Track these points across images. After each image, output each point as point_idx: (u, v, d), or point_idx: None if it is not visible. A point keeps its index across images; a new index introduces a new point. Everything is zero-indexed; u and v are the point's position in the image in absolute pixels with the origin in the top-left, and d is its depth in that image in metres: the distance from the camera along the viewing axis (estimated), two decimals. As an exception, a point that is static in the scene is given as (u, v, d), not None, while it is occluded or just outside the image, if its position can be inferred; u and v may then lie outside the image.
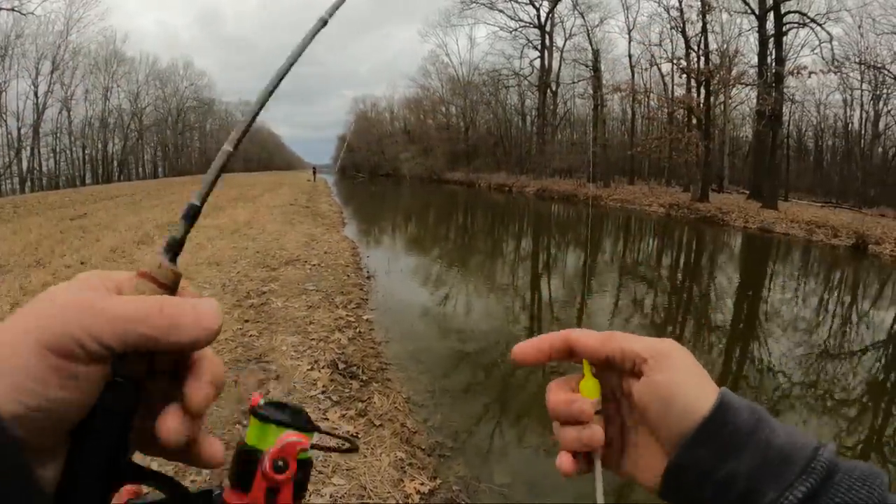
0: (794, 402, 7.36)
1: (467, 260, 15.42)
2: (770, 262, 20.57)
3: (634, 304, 11.47)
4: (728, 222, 28.95)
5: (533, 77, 52.56)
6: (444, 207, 33.83)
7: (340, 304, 8.15)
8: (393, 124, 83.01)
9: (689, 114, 35.46)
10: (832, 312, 13.42)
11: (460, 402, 5.76)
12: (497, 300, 10.83)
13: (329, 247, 12.80)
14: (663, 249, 21.70)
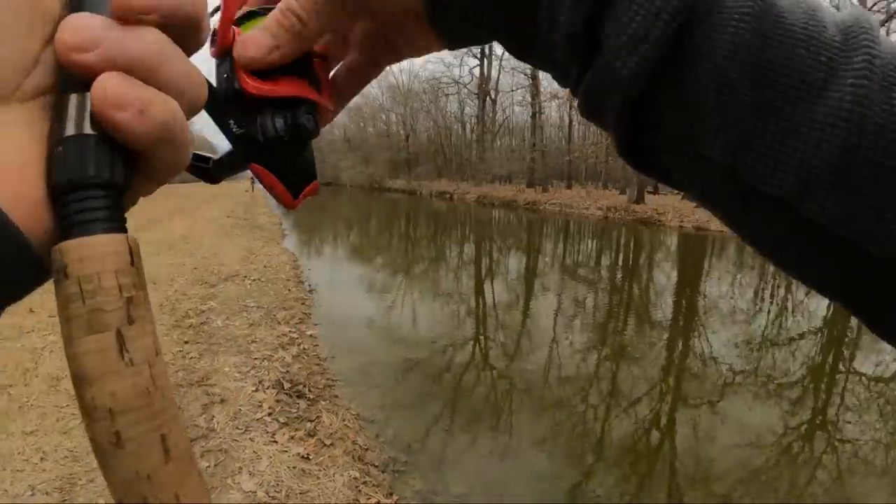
0: (737, 388, 7.62)
1: (411, 268, 15.32)
2: (706, 259, 21.26)
3: (577, 305, 11.66)
4: (664, 222, 29.80)
5: (472, 85, 53.04)
6: (385, 216, 33.62)
7: (283, 320, 7.94)
8: (332, 131, 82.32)
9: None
10: (769, 302, 14.06)
11: (411, 414, 5.68)
12: (442, 307, 10.77)
13: (269, 260, 12.49)
14: (602, 251, 22.14)
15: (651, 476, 5.06)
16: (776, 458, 5.77)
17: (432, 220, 32.51)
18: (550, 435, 5.52)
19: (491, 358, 7.87)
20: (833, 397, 7.90)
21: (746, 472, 5.31)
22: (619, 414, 6.34)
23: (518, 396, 6.48)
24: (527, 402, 6.36)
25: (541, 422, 5.80)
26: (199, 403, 4.92)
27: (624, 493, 4.66)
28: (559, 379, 7.16)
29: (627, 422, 6.11)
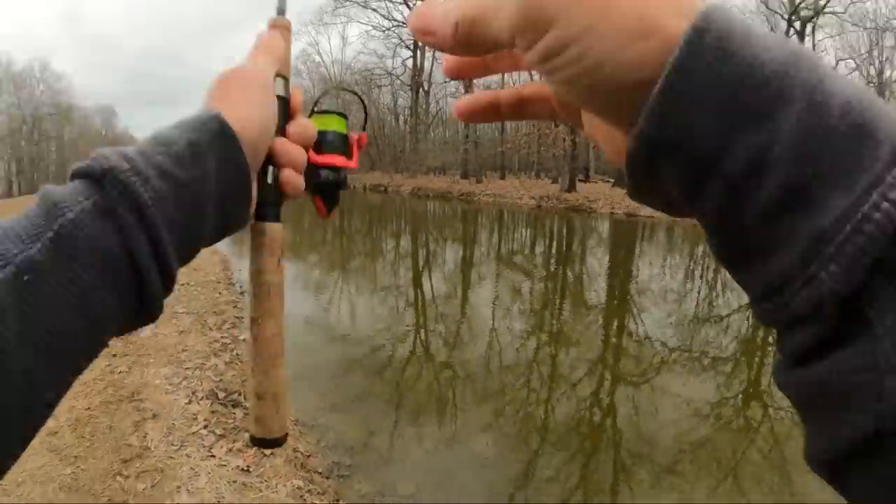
0: (673, 364, 7.86)
1: (346, 263, 15.11)
2: (638, 243, 21.88)
3: (514, 292, 11.76)
4: (596, 210, 30.47)
5: (406, 76, 52.66)
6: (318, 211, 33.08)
7: (214, 325, 7.61)
8: None
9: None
10: (699, 281, 14.70)
11: (353, 414, 5.55)
12: (381, 301, 10.63)
13: (197, 262, 11.85)
14: (536, 239, 22.47)
15: (596, 454, 5.14)
16: (715, 428, 5.96)
17: (367, 213, 32.23)
18: (495, 421, 5.52)
19: (432, 350, 7.83)
20: (765, 368, 8.20)
21: (688, 444, 5.46)
22: (561, 396, 6.40)
23: (461, 386, 6.46)
24: (470, 390, 6.33)
25: (485, 409, 5.79)
26: (130, 420, 4.63)
27: (571, 473, 4.71)
28: (501, 366, 7.20)
29: (570, 403, 6.18)
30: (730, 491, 4.72)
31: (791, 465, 5.26)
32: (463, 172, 47.11)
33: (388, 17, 50.72)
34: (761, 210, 0.26)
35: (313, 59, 63.68)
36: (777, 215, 0.26)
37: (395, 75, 53.84)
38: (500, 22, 0.32)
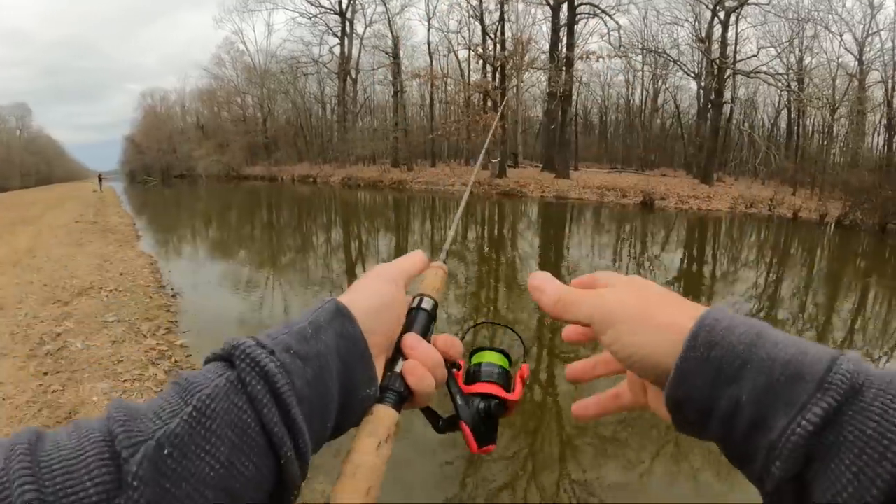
0: None
1: (278, 259, 14.80)
2: (567, 224, 22.38)
3: (450, 277, 11.74)
4: (527, 194, 31.08)
5: (333, 64, 51.67)
6: (246, 206, 32.23)
7: (148, 332, 7.28)
8: (185, 119, 76.44)
9: (486, 97, 37.21)
10: (627, 258, 15.27)
11: None
12: (314, 296, 10.42)
13: (125, 266, 11.47)
14: (469, 224, 22.61)
15: (541, 429, 5.28)
16: None
17: (296, 206, 31.73)
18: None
19: None
20: None
21: (627, 414, 5.50)
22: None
23: None
24: None
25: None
26: None
27: (519, 450, 4.81)
28: None
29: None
30: (672, 454, 4.93)
31: None
32: (393, 161, 46.91)
33: (315, 4, 49.54)
34: (741, 435, 0.44)
35: (237, 48, 61.85)
36: (749, 435, 0.43)
37: (321, 63, 52.77)
38: (582, 312, 0.55)
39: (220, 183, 54.93)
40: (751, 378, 0.43)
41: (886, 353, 8.41)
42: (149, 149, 72.76)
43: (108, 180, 59.11)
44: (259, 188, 45.72)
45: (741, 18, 36.26)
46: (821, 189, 31.59)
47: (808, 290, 12.76)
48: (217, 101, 67.38)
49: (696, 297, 11.36)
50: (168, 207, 31.82)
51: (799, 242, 21.89)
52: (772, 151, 34.69)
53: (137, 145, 74.10)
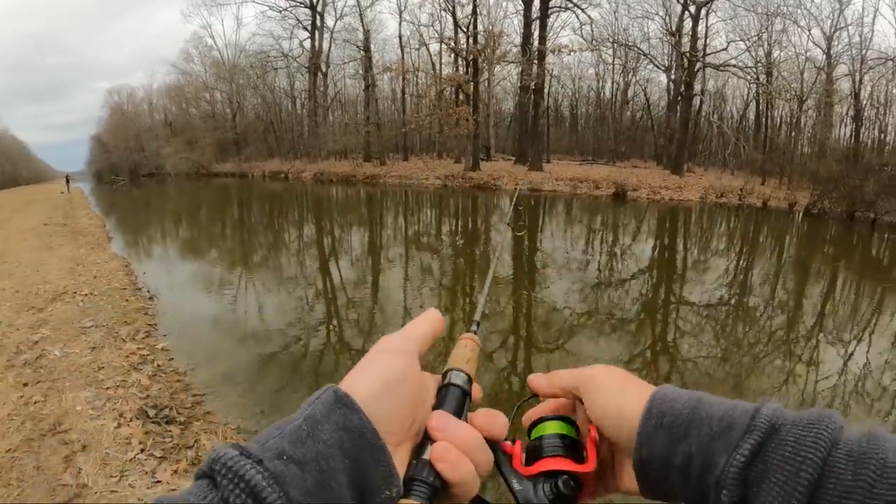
0: (583, 328, 8.21)
1: (252, 257, 14.66)
2: (541, 216, 22.49)
3: (423, 273, 11.83)
4: (500, 186, 31.18)
5: (303, 58, 51.09)
6: (217, 204, 31.81)
7: (127, 336, 7.04)
8: (152, 116, 74.71)
9: (458, 90, 37.18)
10: (600, 249, 15.44)
11: (278, 414, 5.26)
12: (289, 293, 10.33)
13: (98, 269, 11.15)
14: (442, 218, 22.62)
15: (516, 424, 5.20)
16: None
17: (268, 203, 31.36)
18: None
19: (347, 338, 7.72)
20: (669, 325, 8.83)
21: None
22: (479, 369, 6.45)
23: None
24: None
25: None
26: (58, 457, 4.06)
27: None
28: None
29: (488, 375, 6.28)
30: None
31: None
32: (365, 155, 46.65)
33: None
34: (695, 479, 0.52)
35: (205, 43, 60.80)
36: (701, 477, 0.51)
37: (291, 57, 52.15)
38: (563, 384, 0.65)
39: (189, 181, 54.07)
40: (696, 434, 0.53)
41: (856, 336, 8.55)
42: (116, 148, 71.17)
43: (75, 181, 57.83)
44: (229, 185, 45.15)
45: (711, 12, 36.85)
46: (789, 179, 32.20)
47: (778, 276, 12.98)
48: (185, 97, 66.13)
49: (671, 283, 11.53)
50: (137, 208, 31.27)
51: (769, 231, 22.31)
52: (741, 143, 35.33)
53: (104, 144, 72.62)
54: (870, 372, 6.91)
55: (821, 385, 6.50)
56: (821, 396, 6.12)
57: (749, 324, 9.08)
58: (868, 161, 29.37)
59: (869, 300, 11.13)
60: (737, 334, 8.53)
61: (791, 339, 8.31)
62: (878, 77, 35.89)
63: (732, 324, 9.07)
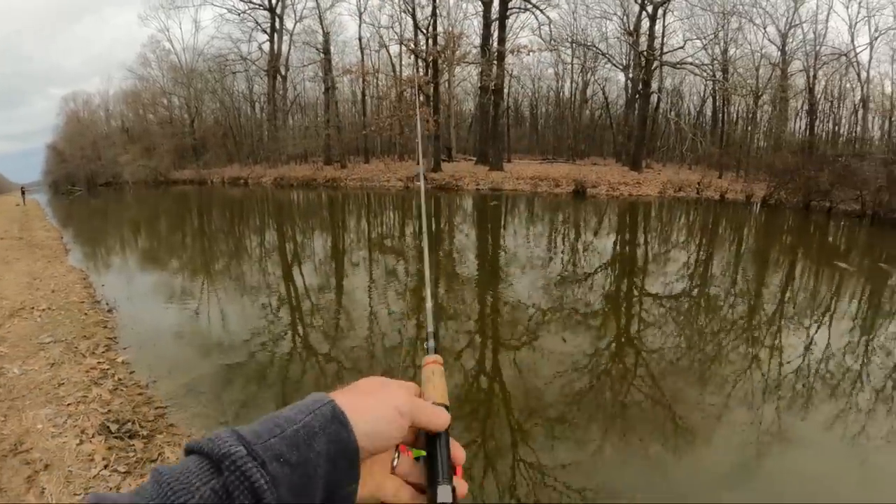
0: (548, 324, 8.30)
1: (213, 265, 14.42)
2: (503, 215, 22.70)
3: (388, 275, 11.87)
4: (462, 187, 31.37)
5: (262, 62, 50.43)
6: (176, 212, 31.17)
7: (87, 350, 6.87)
8: (109, 123, 72.51)
9: (419, 91, 37.24)
10: (562, 246, 15.68)
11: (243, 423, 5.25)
12: (252, 302, 10.13)
13: (56, 283, 10.82)
14: (405, 220, 22.64)
15: (491, 417, 5.31)
16: (595, 376, 6.37)
17: (228, 209, 30.91)
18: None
19: (313, 344, 7.65)
20: (632, 317, 9.01)
21: (573, 394, 5.78)
22: (448, 369, 6.46)
23: (348, 377, 6.29)
24: (357, 378, 6.19)
25: None
26: (21, 477, 3.97)
27: (471, 440, 4.82)
28: (385, 349, 7.22)
29: (457, 375, 6.31)
30: (620, 430, 5.05)
31: (671, 398, 5.74)
32: (326, 158, 46.37)
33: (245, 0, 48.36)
34: None
35: (163, 47, 59.58)
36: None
37: (250, 60, 51.44)
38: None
39: (147, 189, 52.89)
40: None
41: (816, 320, 8.84)
42: (72, 157, 68.88)
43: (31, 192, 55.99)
44: (188, 193, 44.36)
45: (668, 12, 37.44)
46: (746, 172, 33.24)
47: (738, 265, 13.34)
48: (142, 102, 64.59)
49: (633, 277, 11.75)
50: (95, 218, 30.52)
51: (728, 222, 22.89)
52: (698, 138, 36.07)
53: (60, 153, 70.52)
54: (831, 354, 7.15)
55: (785, 368, 6.68)
56: (786, 380, 6.29)
57: (712, 313, 9.30)
58: (822, 152, 30.32)
59: (828, 286, 11.49)
60: (700, 324, 8.74)
61: (753, 325, 8.57)
62: (831, 72, 37.08)
63: (696, 314, 9.27)
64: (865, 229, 20.19)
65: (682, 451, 4.77)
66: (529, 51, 37.75)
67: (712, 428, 5.21)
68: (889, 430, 5.17)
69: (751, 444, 4.89)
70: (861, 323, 8.75)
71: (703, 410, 5.50)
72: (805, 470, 4.56)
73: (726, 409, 5.56)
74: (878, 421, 5.34)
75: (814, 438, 5.06)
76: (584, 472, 4.45)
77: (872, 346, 7.60)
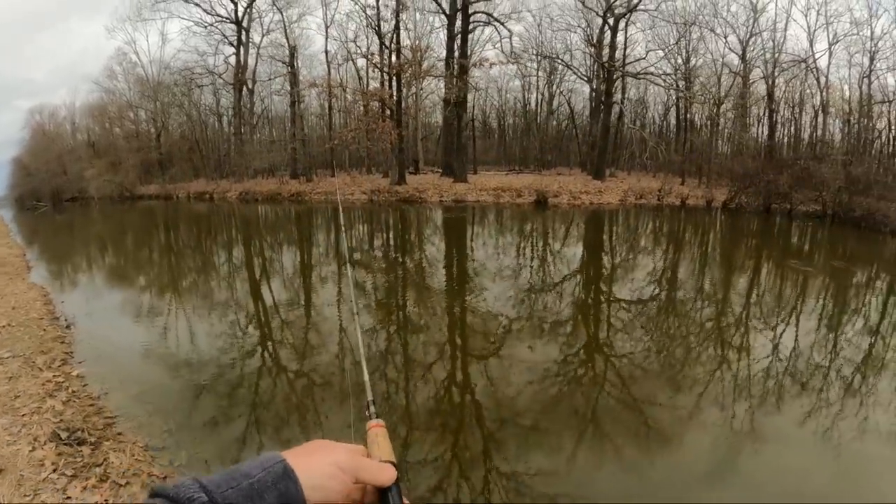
0: (517, 333, 8.46)
1: (179, 282, 14.33)
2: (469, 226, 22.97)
3: (358, 288, 11.82)
4: (426, 199, 31.67)
5: (228, 75, 50.04)
6: (141, 227, 30.57)
7: (44, 365, 7.00)
8: (75, 137, 70.47)
9: (383, 105, 37.48)
10: (530, 255, 15.94)
11: (208, 432, 5.35)
12: (220, 318, 10.10)
13: (16, 300, 10.74)
14: (372, 233, 22.74)
15: (463, 429, 5.37)
16: (566, 383, 6.49)
17: (194, 225, 30.50)
18: (360, 420, 5.28)
19: (283, 360, 7.66)
20: (601, 324, 9.21)
21: (544, 402, 5.89)
22: (418, 381, 6.61)
23: (319, 392, 6.38)
24: (328, 393, 6.29)
25: (347, 408, 5.49)
26: None
27: (443, 452, 4.88)
28: (354, 363, 7.12)
29: (427, 387, 6.39)
30: (593, 435, 5.17)
31: (641, 401, 5.88)
32: (292, 172, 46.15)
33: (211, 13, 47.64)
34: None
35: (130, 59, 58.63)
36: None
37: (216, 74, 50.98)
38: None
39: (113, 204, 51.83)
40: None
41: (783, 319, 9.23)
42: (38, 171, 66.69)
43: (-4, 207, 54.74)
44: (154, 208, 43.63)
45: (630, 24, 38.29)
46: (708, 178, 34.11)
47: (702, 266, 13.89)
48: (109, 116, 63.38)
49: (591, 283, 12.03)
50: (61, 234, 29.94)
51: (689, 226, 23.59)
52: (660, 146, 36.91)
53: (26, 167, 68.34)
54: (800, 352, 7.45)
55: (754, 368, 6.92)
56: (755, 379, 6.52)
57: (679, 316, 9.58)
58: (781, 156, 31.26)
59: (792, 285, 11.96)
60: (668, 327, 9.01)
61: (721, 327, 8.86)
62: (791, 78, 38.07)
63: (663, 318, 9.54)
64: (827, 229, 20.84)
65: (656, 453, 4.89)
66: (492, 64, 38.36)
67: (686, 429, 5.37)
68: (860, 423, 5.40)
69: (725, 442, 5.05)
70: (824, 321, 9.15)
71: (675, 412, 5.66)
72: (781, 465, 4.68)
73: (698, 409, 5.72)
74: (848, 415, 5.57)
75: (788, 434, 5.23)
76: (560, 478, 4.53)
77: (837, 343, 7.97)
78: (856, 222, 21.40)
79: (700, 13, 37.91)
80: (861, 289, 12.05)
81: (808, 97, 38.45)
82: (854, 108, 35.02)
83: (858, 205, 22.27)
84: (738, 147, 38.27)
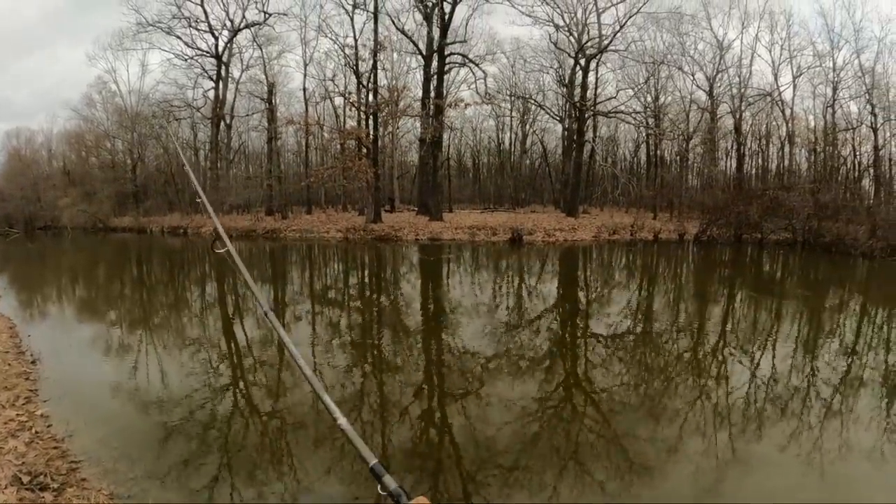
0: (495, 371, 8.43)
1: (150, 318, 14.04)
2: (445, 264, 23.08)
3: (331, 327, 11.83)
4: (401, 238, 31.77)
5: (206, 109, 50.13)
6: (114, 261, 30.11)
7: (7, 402, 6.74)
8: (51, 164, 69.13)
9: (359, 143, 37.80)
10: (507, 292, 16.06)
11: (176, 477, 5.15)
12: (191, 356, 9.83)
13: None
14: (347, 271, 22.72)
15: (442, 470, 5.31)
16: (546, 421, 6.48)
17: (167, 260, 30.06)
18: (336, 459, 5.41)
19: (256, 401, 7.50)
20: (579, 359, 9.26)
21: (525, 440, 5.85)
22: (394, 422, 6.54)
23: (293, 434, 6.22)
24: (303, 436, 6.15)
25: (322, 451, 5.66)
26: None
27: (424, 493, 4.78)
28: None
29: (403, 427, 6.34)
30: (575, 472, 5.13)
31: (623, 436, 5.89)
32: (268, 209, 46.07)
33: (192, 45, 47.82)
34: None
35: (109, 88, 58.27)
36: None
37: (195, 107, 50.98)
38: None
39: (86, 235, 50.96)
40: None
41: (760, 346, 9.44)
42: (12, 196, 65.82)
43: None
44: (127, 240, 43.11)
45: (601, 64, 39.32)
46: (679, 211, 34.87)
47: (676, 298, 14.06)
48: (86, 144, 62.63)
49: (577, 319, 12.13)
50: (30, 264, 29.36)
51: (662, 260, 24.07)
52: (631, 182, 37.71)
53: (0, 192, 67.62)
54: (778, 378, 7.60)
55: (733, 396, 7.01)
56: (735, 407, 6.60)
57: (656, 349, 9.68)
58: (751, 187, 32.09)
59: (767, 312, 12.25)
60: (646, 360, 9.07)
61: (698, 357, 8.98)
62: (757, 111, 39.55)
63: (641, 351, 9.63)
64: (798, 256, 21.30)
65: (640, 490, 4.89)
66: (467, 104, 39.13)
67: (668, 460, 5.40)
68: (841, 443, 5.54)
69: (709, 471, 5.11)
70: (800, 346, 9.43)
71: (657, 444, 5.68)
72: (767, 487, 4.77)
73: (679, 440, 5.77)
74: (830, 436, 5.72)
75: (771, 458, 5.29)
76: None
77: (813, 367, 8.17)
78: (826, 247, 22.05)
79: (668, 52, 39.41)
80: (833, 312, 12.50)
81: (775, 129, 40.15)
82: (819, 137, 36.52)
83: (828, 230, 22.98)
84: (707, 180, 39.41)
